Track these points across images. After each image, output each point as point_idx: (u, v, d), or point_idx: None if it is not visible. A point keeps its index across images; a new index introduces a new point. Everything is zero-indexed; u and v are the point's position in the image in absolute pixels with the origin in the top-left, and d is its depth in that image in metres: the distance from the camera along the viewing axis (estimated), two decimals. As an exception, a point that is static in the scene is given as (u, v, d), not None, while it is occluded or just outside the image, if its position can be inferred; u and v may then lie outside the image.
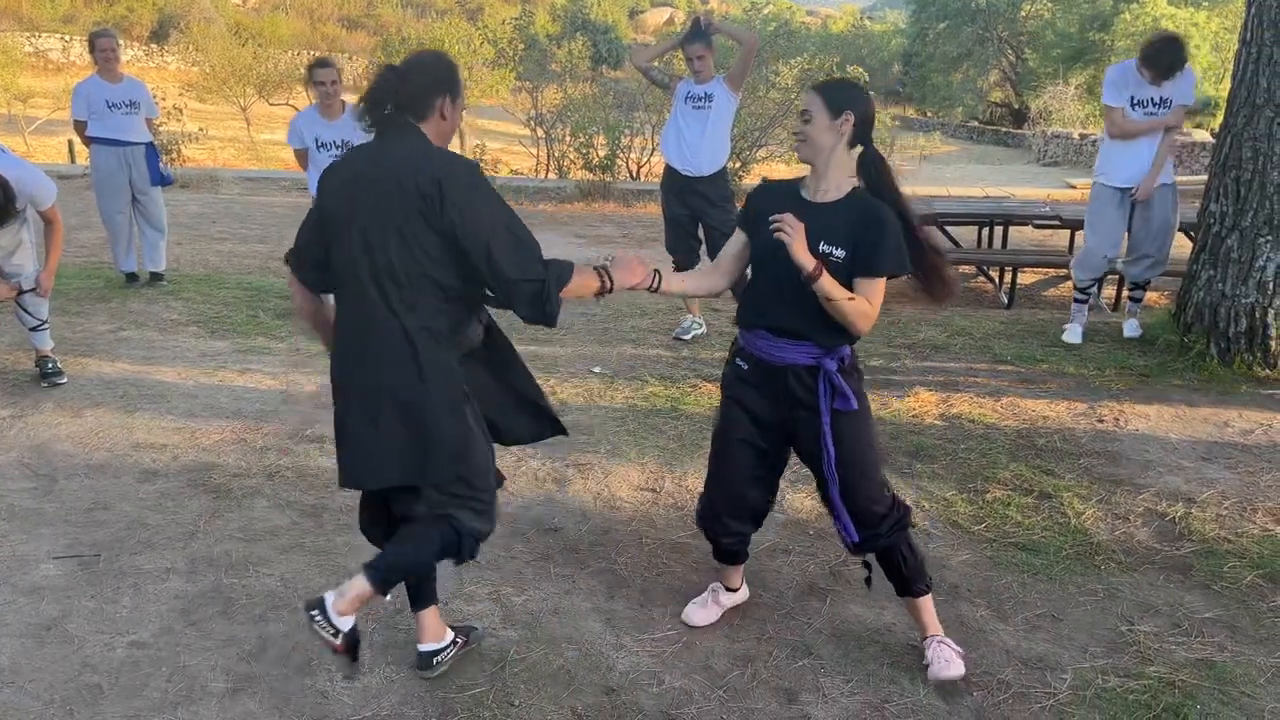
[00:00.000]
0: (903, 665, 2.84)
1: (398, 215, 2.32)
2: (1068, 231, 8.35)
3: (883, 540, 2.73)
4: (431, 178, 2.30)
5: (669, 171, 5.83)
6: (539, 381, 2.93)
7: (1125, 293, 6.32)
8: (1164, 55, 5.27)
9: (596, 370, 5.33)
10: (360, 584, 2.42)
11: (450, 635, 2.82)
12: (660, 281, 2.69)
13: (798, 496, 3.86)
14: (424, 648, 2.77)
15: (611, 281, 2.55)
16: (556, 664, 2.84)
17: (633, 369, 5.39)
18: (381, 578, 2.45)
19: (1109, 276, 7.04)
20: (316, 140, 5.59)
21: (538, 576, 3.32)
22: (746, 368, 2.77)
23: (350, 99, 5.39)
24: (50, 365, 5.00)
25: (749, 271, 2.84)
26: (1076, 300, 5.94)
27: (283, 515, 3.71)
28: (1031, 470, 4.08)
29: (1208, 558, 3.41)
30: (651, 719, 2.62)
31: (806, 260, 2.51)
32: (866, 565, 2.88)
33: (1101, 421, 4.58)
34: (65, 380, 4.98)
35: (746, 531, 2.94)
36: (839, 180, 2.65)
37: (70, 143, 16.47)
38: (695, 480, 4.00)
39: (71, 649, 2.87)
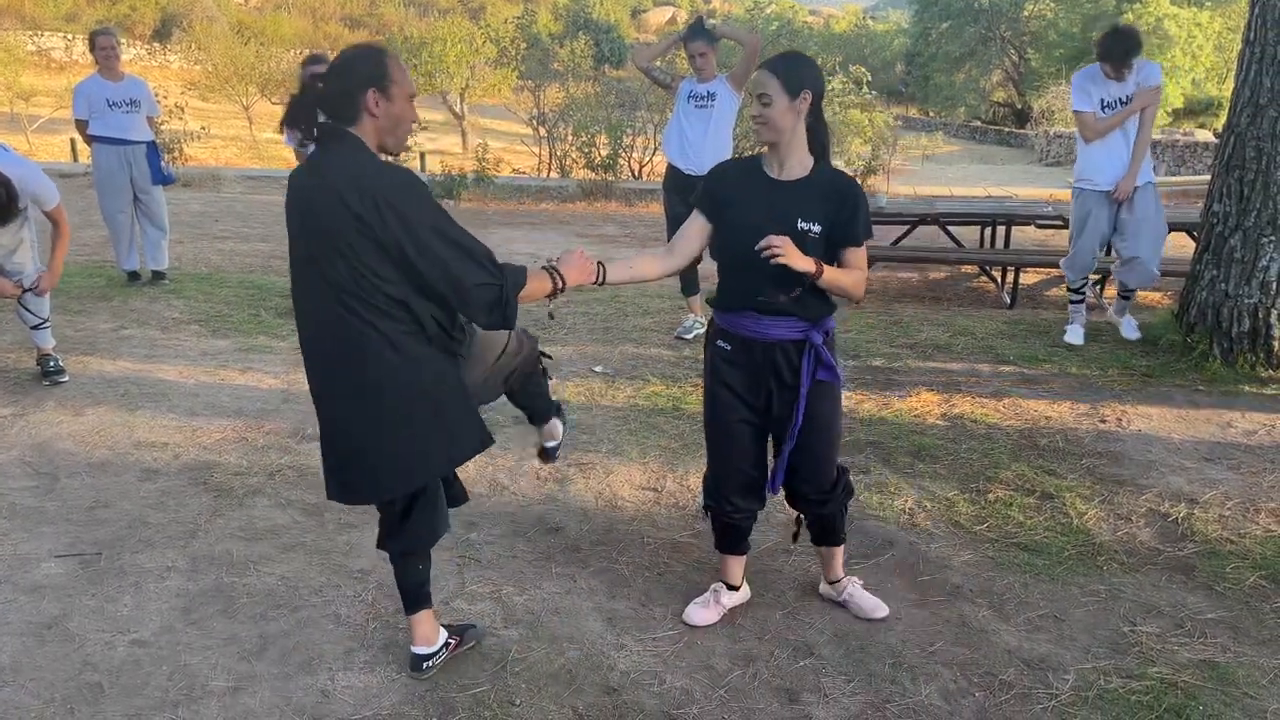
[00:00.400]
0: (904, 665, 2.83)
1: (339, 238, 2.24)
2: (1069, 231, 8.34)
3: (835, 505, 2.95)
4: (369, 197, 2.20)
5: (671, 170, 5.82)
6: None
7: (1113, 290, 6.31)
8: (1117, 44, 5.26)
9: (598, 369, 5.33)
10: (554, 425, 3.19)
11: (443, 638, 2.81)
12: (604, 274, 2.75)
13: (799, 496, 3.84)
14: (416, 650, 2.77)
15: (563, 281, 2.57)
16: (558, 663, 2.84)
17: (634, 368, 5.38)
18: (551, 409, 3.16)
19: (1111, 277, 7.05)
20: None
21: (539, 576, 3.31)
22: (730, 348, 2.82)
23: None
24: (52, 364, 5.00)
25: (706, 254, 2.91)
26: (1072, 301, 5.93)
27: (284, 514, 3.71)
28: (1034, 470, 4.07)
29: (1210, 558, 3.40)
30: (653, 719, 2.62)
31: (807, 265, 2.59)
32: (798, 522, 3.07)
33: (1104, 422, 4.57)
34: (67, 379, 4.98)
35: (754, 508, 3.01)
36: (801, 155, 2.72)
37: (73, 141, 16.49)
38: (697, 480, 3.98)
39: (72, 647, 2.86)
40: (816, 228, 2.65)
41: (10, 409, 4.61)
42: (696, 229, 2.86)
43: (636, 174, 15.43)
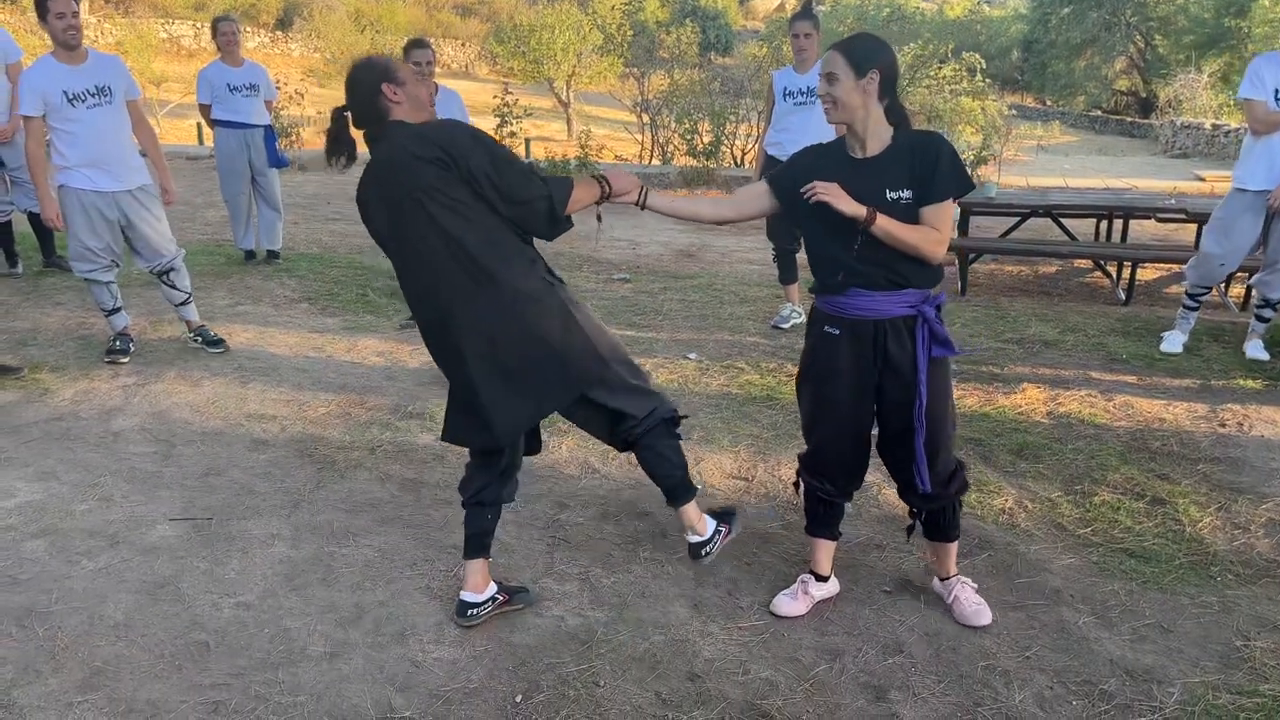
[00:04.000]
0: (998, 669, 2.75)
1: (425, 187, 2.52)
2: (1194, 226, 7.94)
3: (948, 500, 2.85)
4: (432, 145, 2.52)
5: (768, 159, 5.74)
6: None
7: (1252, 306, 5.63)
8: None
9: (692, 356, 5.31)
10: (689, 510, 2.98)
11: (491, 591, 2.93)
12: (646, 197, 2.84)
13: (892, 492, 3.75)
14: (464, 596, 2.90)
15: (610, 187, 2.78)
16: (642, 647, 2.85)
17: (728, 356, 5.35)
18: (686, 489, 2.97)
19: (1239, 275, 6.68)
20: None
21: (627, 559, 3.33)
22: (838, 332, 2.74)
23: (444, 83, 5.48)
24: (210, 334, 5.30)
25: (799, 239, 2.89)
26: (1185, 306, 5.44)
27: (383, 488, 3.81)
28: (1144, 474, 3.90)
29: (1335, 574, 3.21)
30: (736, 708, 2.60)
31: (856, 209, 2.55)
32: (913, 516, 2.98)
33: (1223, 426, 4.35)
34: (223, 349, 5.25)
35: (850, 489, 2.99)
36: (880, 133, 2.66)
37: (199, 126, 17.21)
38: (788, 471, 3.94)
39: (182, 607, 3.00)
40: (906, 193, 2.59)
41: (134, 378, 4.85)
42: (761, 196, 2.88)
43: (739, 161, 15.31)
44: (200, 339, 5.28)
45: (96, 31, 29.28)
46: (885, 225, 2.56)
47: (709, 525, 3.00)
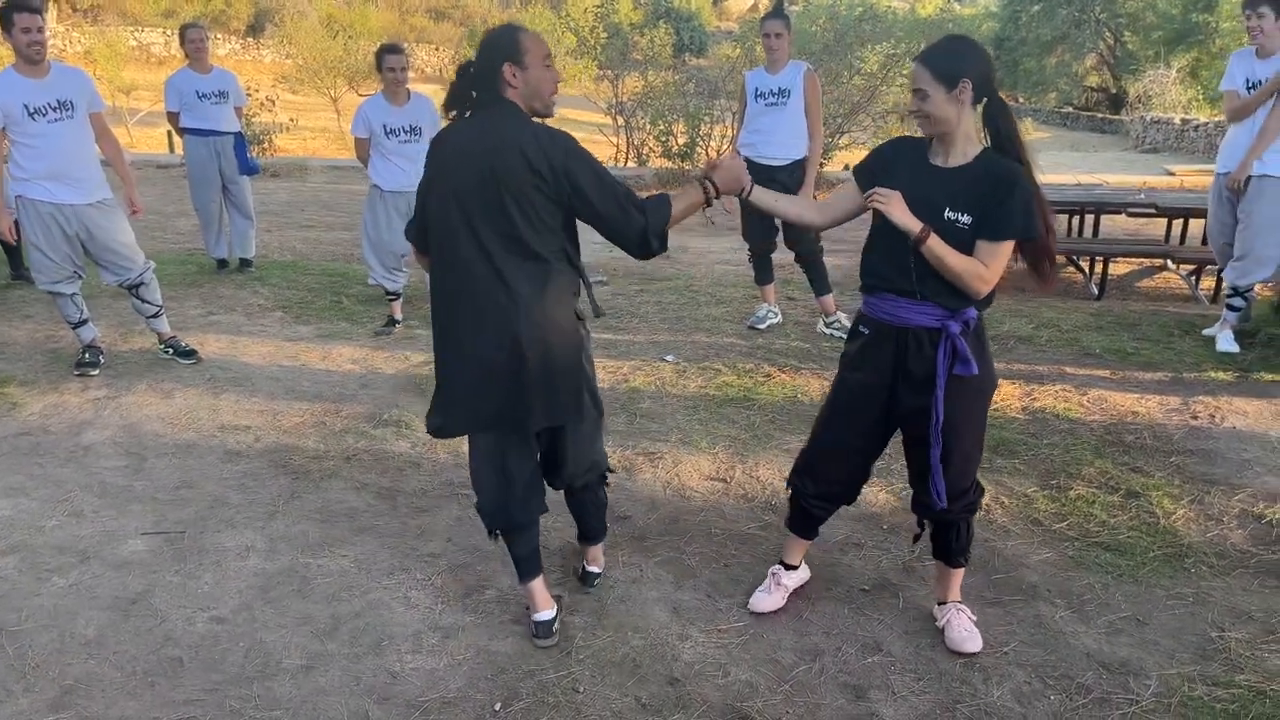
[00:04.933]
0: (976, 665, 2.76)
1: (506, 187, 2.48)
2: (1164, 221, 8.02)
3: (952, 518, 2.78)
4: (543, 156, 2.47)
5: (744, 160, 5.73)
6: (612, 368, 2.99)
7: (1222, 296, 5.73)
8: None
9: (669, 358, 5.31)
10: (598, 549, 3.17)
11: (556, 603, 2.94)
12: (750, 190, 2.82)
13: (871, 490, 3.77)
14: (541, 617, 2.86)
15: (716, 189, 2.73)
16: (622, 652, 2.84)
17: (706, 358, 5.35)
18: (602, 532, 3.17)
19: (1209, 268, 6.76)
20: (384, 126, 5.64)
21: (606, 564, 3.31)
22: (868, 333, 2.72)
23: (418, 88, 5.46)
24: (182, 345, 5.25)
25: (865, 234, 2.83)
26: (1226, 301, 5.48)
27: (358, 497, 3.78)
28: (1118, 468, 3.93)
29: (1307, 563, 3.24)
30: (716, 711, 2.60)
31: (911, 223, 2.50)
32: (921, 526, 2.92)
33: (1196, 418, 4.39)
34: (197, 359, 5.20)
35: (838, 503, 2.99)
36: (966, 144, 2.57)
37: (169, 134, 17.07)
38: (767, 471, 3.95)
39: (155, 622, 2.97)
40: (966, 219, 2.50)
41: (104, 391, 4.79)
42: (848, 196, 2.80)
43: (714, 163, 15.33)
44: (172, 350, 5.22)
45: (65, 40, 29.01)
46: (935, 247, 2.48)
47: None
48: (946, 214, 2.52)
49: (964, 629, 2.85)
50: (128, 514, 3.62)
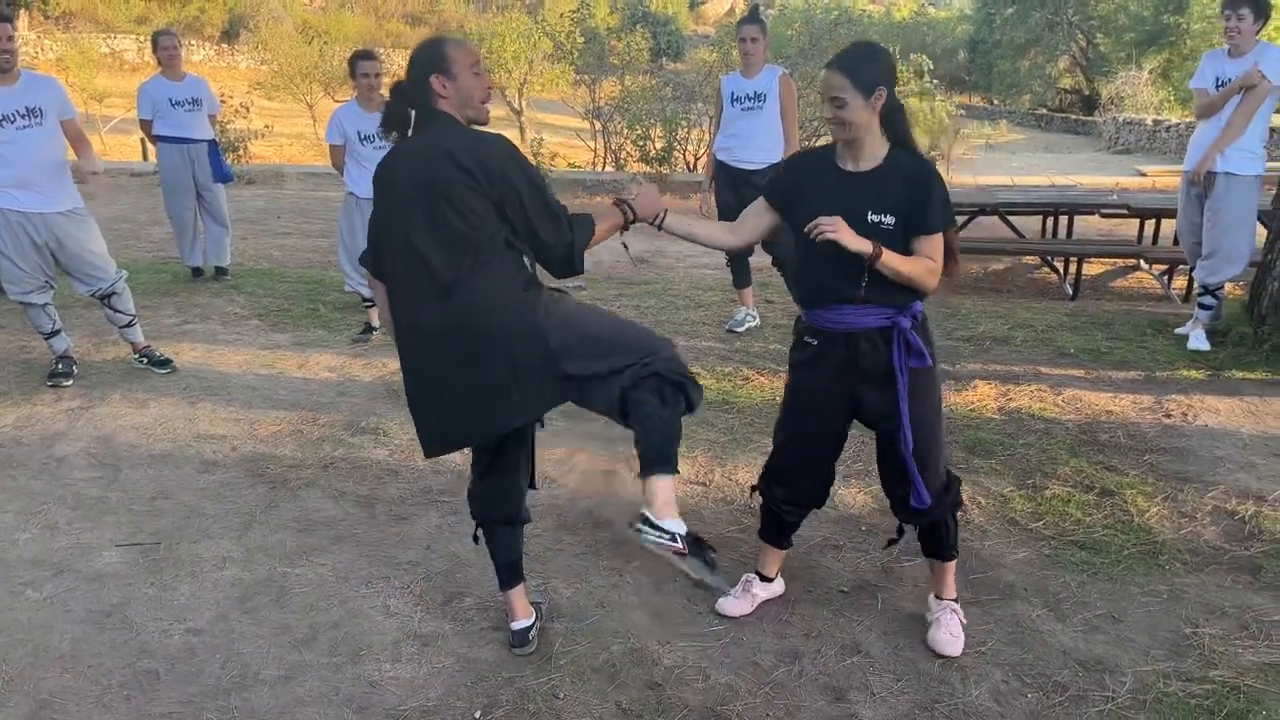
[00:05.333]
0: (955, 665, 2.78)
1: (450, 191, 2.44)
2: (1136, 221, 8.10)
3: (938, 516, 2.78)
4: (475, 159, 2.43)
5: (720, 164, 5.76)
6: None
7: (1194, 295, 5.76)
8: None
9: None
10: (657, 483, 2.52)
11: (534, 611, 2.92)
12: (665, 219, 2.77)
13: (849, 491, 3.80)
14: (518, 625, 2.85)
15: (634, 213, 2.72)
16: (602, 658, 2.84)
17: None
18: (660, 459, 2.51)
19: (1181, 267, 6.83)
20: (359, 133, 5.62)
21: (586, 569, 3.32)
22: (816, 344, 2.74)
23: None
24: (156, 354, 5.21)
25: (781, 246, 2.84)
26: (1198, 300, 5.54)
27: (336, 506, 3.76)
28: (1093, 466, 3.96)
29: (1278, 558, 3.28)
30: (697, 715, 2.60)
31: (863, 246, 2.51)
32: (900, 531, 2.94)
33: (1169, 416, 4.43)
34: (171, 369, 5.16)
35: (806, 509, 2.99)
36: (874, 147, 2.62)
37: (143, 141, 16.93)
38: (745, 474, 3.96)
39: (130, 635, 2.94)
40: (889, 219, 2.56)
41: (78, 401, 4.74)
42: (760, 216, 2.84)
43: (691, 167, 15.35)
44: (146, 360, 5.18)
45: (36, 48, 28.72)
46: (889, 261, 2.51)
47: (676, 525, 2.49)
48: (870, 217, 2.56)
49: (950, 631, 2.86)
50: (102, 526, 3.59)
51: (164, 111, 6.80)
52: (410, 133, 2.61)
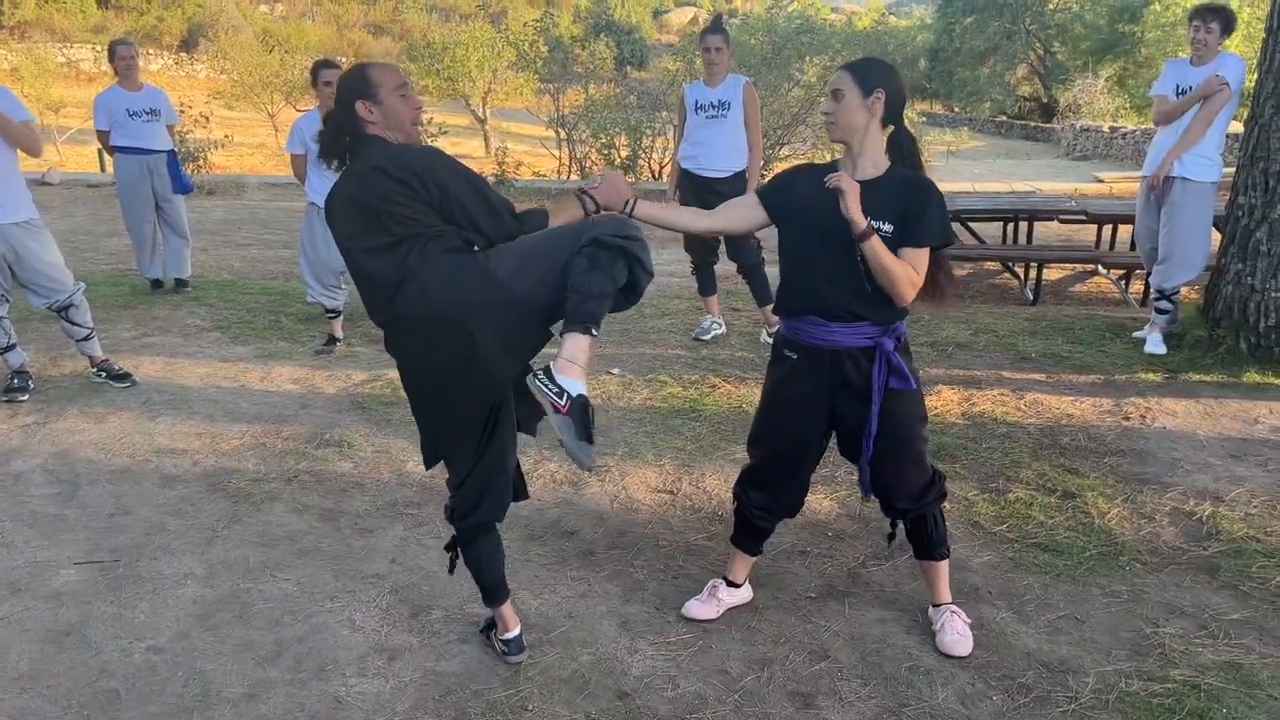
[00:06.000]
0: (921, 669, 2.80)
1: (390, 202, 2.43)
2: (1094, 226, 8.23)
3: (923, 510, 2.84)
4: (405, 168, 2.44)
5: (684, 171, 5.77)
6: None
7: (1150, 300, 5.82)
8: (1199, 8, 5.15)
9: (615, 371, 5.31)
10: (569, 339, 2.39)
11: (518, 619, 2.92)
12: (635, 206, 2.74)
13: (815, 498, 3.81)
14: (513, 634, 2.85)
15: (595, 204, 2.69)
16: (571, 668, 2.83)
17: (651, 370, 5.36)
18: (578, 316, 2.40)
19: (1138, 272, 6.94)
20: None
21: (553, 580, 3.30)
22: (796, 357, 2.76)
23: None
24: (115, 368, 5.11)
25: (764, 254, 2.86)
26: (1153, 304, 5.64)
27: (300, 519, 3.72)
28: (1055, 469, 4.01)
29: (1235, 558, 3.34)
30: (665, 724, 2.60)
31: (859, 218, 2.53)
32: (893, 526, 2.98)
33: (1128, 419, 4.51)
34: (131, 382, 5.07)
35: (781, 516, 3.01)
36: (876, 157, 2.66)
37: (100, 152, 16.70)
38: (713, 482, 3.97)
39: (90, 654, 2.89)
40: (887, 227, 2.59)
41: (34, 417, 4.66)
42: (750, 210, 2.85)
43: (656, 175, 15.40)
44: (104, 374, 5.09)
45: (-11, 57, 28.25)
46: (876, 246, 2.54)
47: (572, 385, 2.37)
48: (870, 222, 2.58)
49: (957, 632, 2.88)
50: (60, 543, 3.53)
51: (121, 122, 6.71)
52: (348, 160, 2.61)
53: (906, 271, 2.58)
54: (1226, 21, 5.09)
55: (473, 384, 2.50)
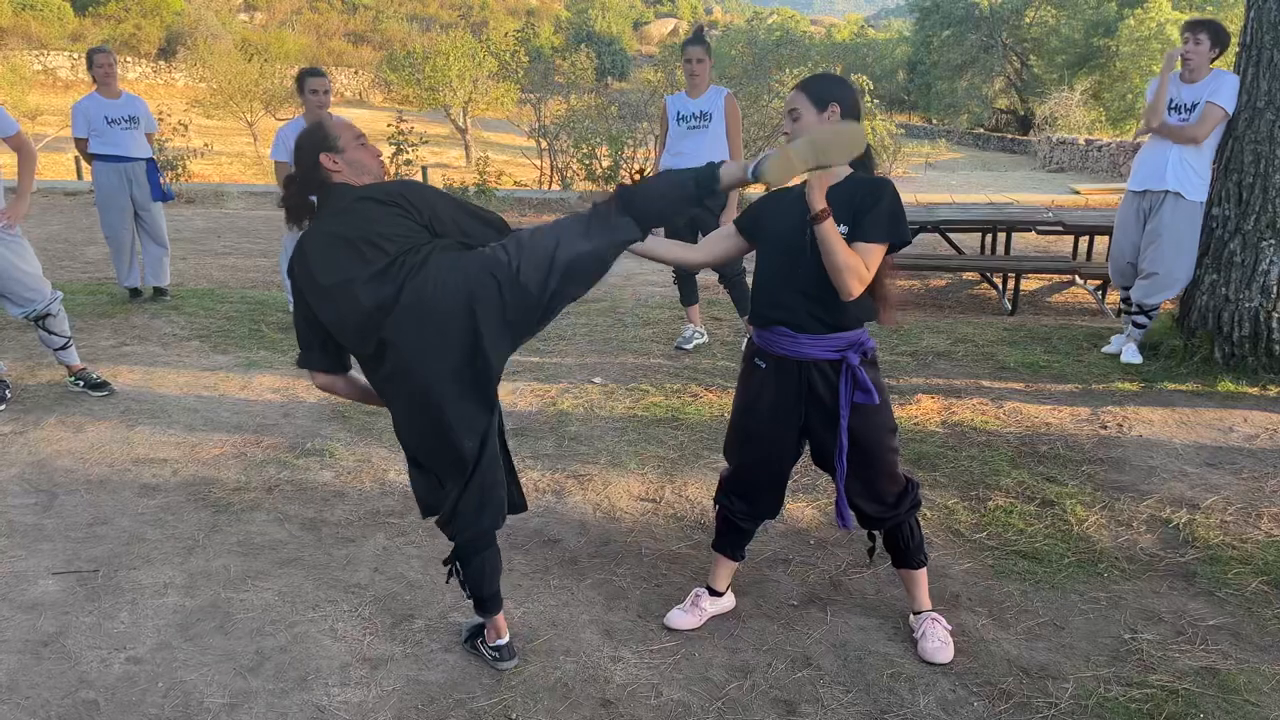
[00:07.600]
0: (903, 675, 2.82)
1: (376, 229, 2.47)
2: (1071, 237, 8.32)
3: (899, 519, 2.88)
4: (393, 196, 2.52)
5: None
6: (541, 392, 2.93)
7: (1128, 312, 5.78)
8: (1190, 22, 5.23)
9: (597, 380, 5.32)
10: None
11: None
12: None
13: (797, 506, 3.84)
14: (504, 640, 2.86)
15: None
16: (554, 676, 2.83)
17: (633, 379, 5.38)
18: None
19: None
20: None
21: (536, 588, 3.30)
22: (765, 366, 2.81)
23: (339, 113, 5.41)
24: (93, 377, 5.08)
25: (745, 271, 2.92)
26: (1123, 312, 5.73)
27: (281, 529, 3.70)
28: (1034, 478, 4.05)
29: (1212, 564, 3.38)
30: (649, 732, 2.60)
31: (819, 201, 2.59)
32: (872, 538, 3.01)
33: (1105, 428, 4.55)
34: (111, 390, 5.04)
35: (762, 516, 3.03)
36: (836, 169, 2.70)
37: (77, 160, 16.57)
38: (695, 490, 3.98)
39: (68, 665, 2.86)
40: (843, 228, 2.65)
41: (10, 426, 4.62)
42: (727, 237, 2.94)
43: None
44: (82, 383, 5.06)
45: (-35, 65, 28.00)
46: (829, 230, 2.59)
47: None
48: (827, 209, 2.64)
49: (938, 639, 2.91)
50: (38, 553, 3.49)
51: (100, 129, 6.68)
52: (318, 211, 2.62)
53: (855, 263, 2.61)
54: (1216, 34, 5.15)
55: (476, 367, 2.49)
